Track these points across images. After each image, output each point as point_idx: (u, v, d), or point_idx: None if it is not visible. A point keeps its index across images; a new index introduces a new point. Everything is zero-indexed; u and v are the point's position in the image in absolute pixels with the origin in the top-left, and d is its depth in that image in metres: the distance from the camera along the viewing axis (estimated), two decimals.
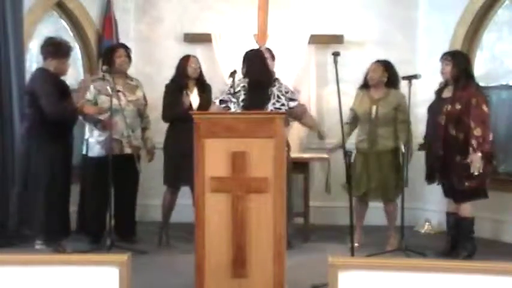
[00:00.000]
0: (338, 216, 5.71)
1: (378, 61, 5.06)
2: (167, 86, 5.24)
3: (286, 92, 4.58)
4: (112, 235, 4.80)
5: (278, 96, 4.49)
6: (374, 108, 4.98)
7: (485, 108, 4.60)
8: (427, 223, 5.80)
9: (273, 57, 5.22)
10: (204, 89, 5.21)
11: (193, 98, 5.15)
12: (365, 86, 5.10)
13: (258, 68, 4.61)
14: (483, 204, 4.88)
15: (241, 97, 4.45)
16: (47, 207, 4.76)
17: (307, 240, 5.30)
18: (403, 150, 4.84)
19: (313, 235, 5.41)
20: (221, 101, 4.50)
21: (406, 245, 4.75)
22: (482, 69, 5.79)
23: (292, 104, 4.54)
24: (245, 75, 4.61)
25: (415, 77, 4.83)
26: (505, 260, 4.41)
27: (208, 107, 4.89)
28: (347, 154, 4.01)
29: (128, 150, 5.08)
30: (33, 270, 1.91)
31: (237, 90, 4.46)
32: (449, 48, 5.64)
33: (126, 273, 1.89)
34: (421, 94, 5.52)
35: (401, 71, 5.09)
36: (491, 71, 5.79)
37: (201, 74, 5.26)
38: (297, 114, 4.68)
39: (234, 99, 4.44)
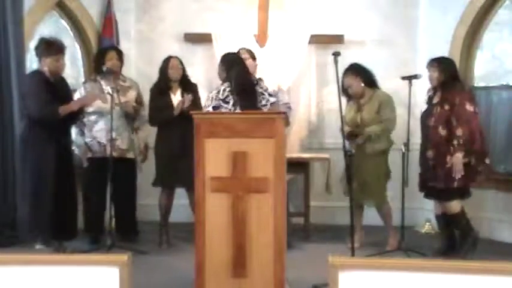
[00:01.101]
0: (338, 216, 5.71)
1: (347, 73, 4.99)
2: (151, 90, 5.23)
3: (266, 89, 4.68)
4: (112, 235, 4.81)
5: (262, 93, 4.57)
6: (359, 114, 5.01)
7: (468, 107, 4.59)
8: (427, 223, 5.81)
9: (253, 58, 5.23)
10: (189, 89, 5.17)
11: (176, 99, 5.11)
12: (350, 97, 5.10)
13: (239, 73, 4.57)
14: (483, 204, 4.89)
15: (231, 102, 4.44)
16: (41, 208, 4.74)
17: (307, 240, 5.30)
18: (403, 150, 4.84)
19: (313, 235, 5.41)
20: (214, 108, 4.46)
21: (406, 245, 4.75)
22: (482, 69, 5.80)
23: (272, 99, 4.61)
24: (226, 79, 4.57)
25: (415, 77, 4.84)
26: (504, 259, 4.43)
27: (193, 107, 4.84)
28: (347, 154, 4.01)
29: (112, 153, 5.01)
30: (33, 270, 1.91)
31: (224, 95, 4.45)
32: (450, 49, 5.65)
33: (126, 273, 1.89)
34: (421, 94, 5.51)
35: (402, 71, 5.10)
36: (491, 71, 5.79)
37: (184, 75, 5.23)
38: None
39: (224, 105, 4.44)
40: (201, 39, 6.18)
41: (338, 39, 6.05)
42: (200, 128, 3.42)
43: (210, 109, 4.47)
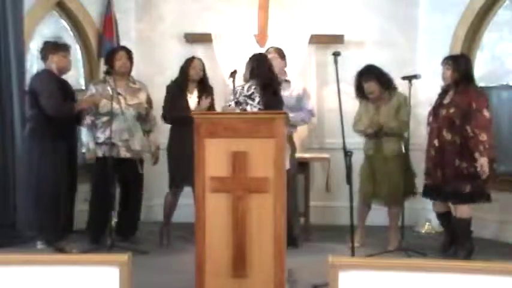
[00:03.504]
0: (338, 216, 5.71)
1: (368, 78, 4.97)
2: (168, 87, 5.25)
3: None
4: (113, 235, 4.81)
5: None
6: (377, 114, 4.99)
7: (486, 113, 4.57)
8: (427, 223, 5.81)
9: (282, 56, 5.22)
10: (206, 91, 5.20)
11: (192, 100, 5.15)
12: (365, 97, 5.07)
13: (265, 71, 4.64)
14: (485, 205, 4.88)
15: (257, 99, 4.47)
16: (49, 208, 4.76)
17: (307, 240, 5.30)
18: (403, 150, 4.83)
19: (313, 235, 5.41)
20: (237, 103, 4.46)
21: (407, 245, 4.75)
22: (483, 69, 5.79)
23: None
24: (252, 77, 4.62)
25: (415, 77, 4.83)
26: (505, 260, 4.43)
27: (207, 109, 4.89)
28: (347, 154, 4.01)
29: (125, 154, 5.02)
30: (33, 270, 1.91)
31: (250, 92, 4.48)
32: (450, 49, 5.64)
33: (126, 273, 1.89)
34: (421, 94, 5.53)
35: (401, 71, 5.09)
36: (491, 71, 5.79)
37: (204, 76, 5.26)
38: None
39: (250, 101, 4.45)
40: (201, 39, 6.18)
41: (338, 39, 6.05)
42: (200, 128, 3.42)
43: (233, 103, 4.46)
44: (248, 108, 4.45)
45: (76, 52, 6.06)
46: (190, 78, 5.17)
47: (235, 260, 3.37)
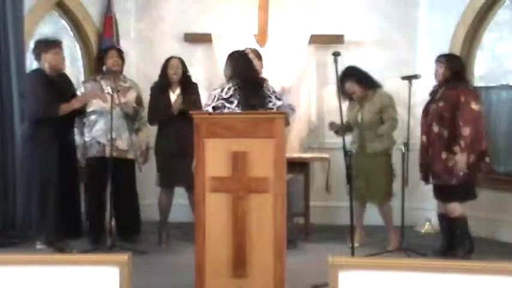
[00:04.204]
0: (338, 216, 5.70)
1: (347, 79, 4.97)
2: (151, 89, 5.26)
3: (274, 92, 4.56)
4: (113, 235, 4.81)
5: (269, 96, 4.47)
6: (360, 112, 5.02)
7: (474, 106, 4.58)
8: (427, 223, 5.80)
9: (258, 57, 5.20)
10: (189, 89, 5.20)
11: (174, 99, 5.14)
12: (350, 98, 5.10)
13: (245, 68, 4.46)
14: (482, 204, 4.89)
15: (236, 101, 4.30)
16: (45, 208, 4.75)
17: (307, 240, 5.30)
18: (403, 150, 4.84)
19: (313, 235, 5.41)
20: (214, 108, 4.38)
21: (407, 245, 4.75)
22: (482, 69, 5.80)
23: (279, 103, 4.51)
24: (232, 76, 4.43)
25: (415, 77, 4.84)
26: (503, 259, 4.43)
27: (190, 107, 4.81)
28: (347, 154, 4.01)
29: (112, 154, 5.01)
30: (34, 270, 1.91)
31: (228, 95, 4.30)
32: (450, 49, 5.65)
33: (126, 273, 1.89)
34: (421, 94, 5.51)
35: (402, 71, 5.09)
36: (491, 71, 5.79)
37: (183, 75, 5.23)
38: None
39: (228, 105, 4.35)
40: (201, 39, 6.18)
41: (338, 39, 6.05)
42: (200, 128, 3.42)
43: (210, 108, 4.39)
44: (225, 111, 4.36)
45: (76, 52, 6.06)
46: (170, 77, 5.16)
47: (235, 260, 3.38)
